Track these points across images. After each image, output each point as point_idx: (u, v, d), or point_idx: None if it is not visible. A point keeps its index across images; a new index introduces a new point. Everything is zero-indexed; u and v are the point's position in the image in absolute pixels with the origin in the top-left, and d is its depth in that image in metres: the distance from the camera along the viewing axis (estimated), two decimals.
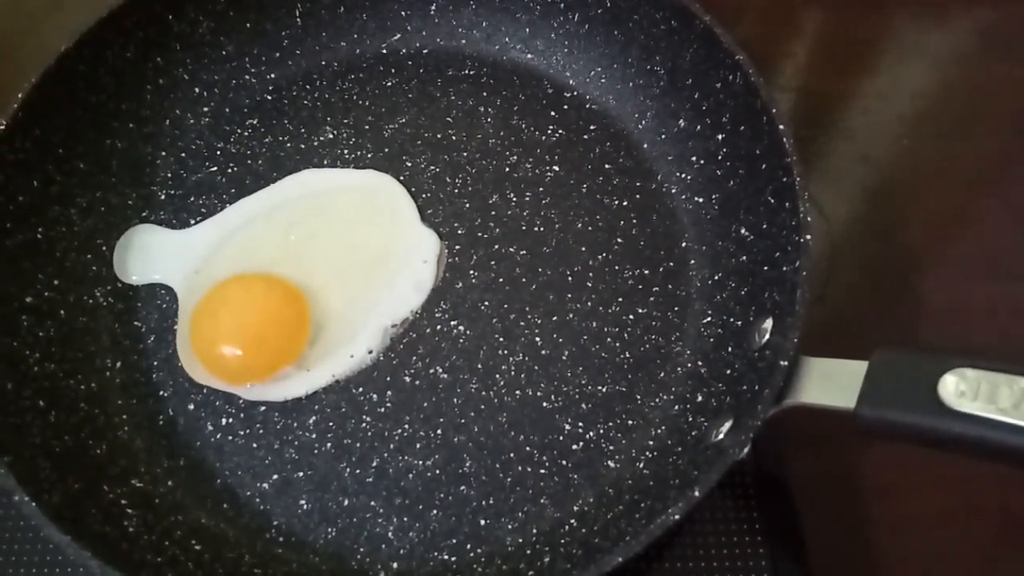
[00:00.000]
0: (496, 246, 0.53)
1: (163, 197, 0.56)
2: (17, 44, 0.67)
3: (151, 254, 0.53)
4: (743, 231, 0.50)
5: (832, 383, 0.40)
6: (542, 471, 0.47)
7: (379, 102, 0.58)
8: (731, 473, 0.39)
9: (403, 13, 0.60)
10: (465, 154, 0.56)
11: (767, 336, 0.44)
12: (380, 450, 0.48)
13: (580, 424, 0.48)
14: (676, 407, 0.48)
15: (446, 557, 0.45)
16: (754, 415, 0.40)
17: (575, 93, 0.58)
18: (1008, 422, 0.36)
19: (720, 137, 0.52)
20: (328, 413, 0.49)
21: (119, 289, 0.52)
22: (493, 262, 0.53)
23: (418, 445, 0.48)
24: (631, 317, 0.51)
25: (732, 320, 0.48)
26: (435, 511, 0.46)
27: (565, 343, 0.50)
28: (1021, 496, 0.48)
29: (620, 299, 0.51)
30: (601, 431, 0.48)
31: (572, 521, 0.45)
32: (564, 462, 0.47)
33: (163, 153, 0.57)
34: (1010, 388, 0.36)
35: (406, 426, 0.48)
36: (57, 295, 0.50)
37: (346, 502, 0.46)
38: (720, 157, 0.52)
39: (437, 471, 0.47)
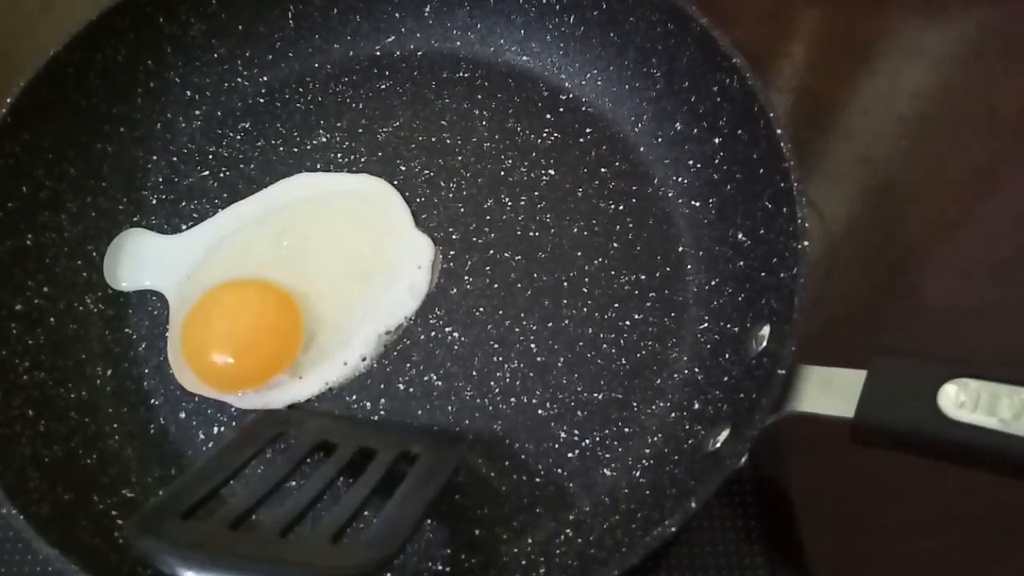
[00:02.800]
0: (491, 251, 0.53)
1: (154, 202, 0.55)
2: (8, 46, 0.66)
3: (142, 260, 0.53)
4: (740, 236, 0.49)
5: (831, 391, 0.40)
6: (537, 480, 0.46)
7: (373, 105, 0.58)
8: (729, 481, 0.39)
9: (397, 15, 0.60)
10: (460, 158, 0.56)
11: (764, 343, 0.44)
12: None
13: (576, 432, 0.47)
14: (673, 415, 0.47)
15: (440, 567, 0.45)
16: (751, 424, 0.39)
17: (571, 96, 0.58)
18: (1008, 433, 0.35)
19: (717, 141, 0.51)
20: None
21: (110, 296, 0.52)
22: (488, 267, 0.52)
23: None
24: (627, 323, 0.50)
25: (729, 326, 0.48)
26: (429, 520, 0.46)
27: (561, 349, 0.50)
28: (1021, 504, 0.47)
29: (616, 305, 0.51)
30: (597, 439, 0.47)
31: (568, 531, 0.45)
32: (560, 470, 0.47)
33: (154, 157, 0.56)
34: (1011, 399, 0.35)
35: None
36: (47, 302, 0.50)
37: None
38: (717, 161, 0.51)
39: None
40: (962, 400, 0.36)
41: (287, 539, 0.38)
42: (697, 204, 0.53)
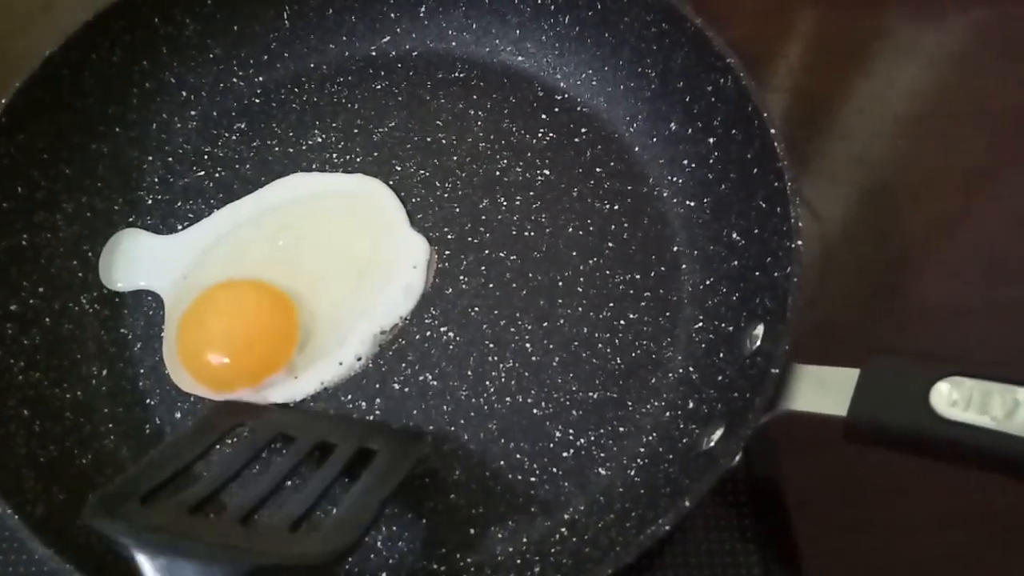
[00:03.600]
0: (486, 251, 0.53)
1: (150, 202, 0.55)
2: (4, 47, 0.66)
3: (137, 260, 0.53)
4: (735, 235, 0.49)
5: (824, 390, 0.40)
6: (532, 479, 0.46)
7: (368, 105, 0.58)
8: (723, 480, 0.39)
9: (392, 15, 0.60)
10: (455, 158, 0.56)
11: (758, 342, 0.44)
12: None
13: (571, 431, 0.47)
14: (667, 414, 0.48)
15: (436, 566, 0.45)
16: (745, 423, 0.39)
17: (566, 96, 0.58)
18: (1001, 431, 0.35)
19: (711, 141, 0.51)
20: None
21: (105, 296, 0.52)
22: (483, 267, 0.52)
23: None
24: (622, 322, 0.50)
25: (723, 326, 0.48)
26: (424, 520, 0.46)
27: (556, 349, 0.50)
28: (1014, 502, 0.47)
29: (611, 304, 0.51)
30: (592, 438, 0.47)
31: (562, 530, 0.45)
32: (554, 470, 0.47)
33: (150, 157, 0.56)
34: (1003, 398, 0.35)
35: None
36: (42, 302, 0.50)
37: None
38: (712, 161, 0.51)
39: (426, 479, 0.46)
40: (955, 398, 0.36)
41: (247, 525, 0.38)
42: (692, 204, 0.53)
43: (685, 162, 0.53)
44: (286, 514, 0.38)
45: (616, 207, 0.54)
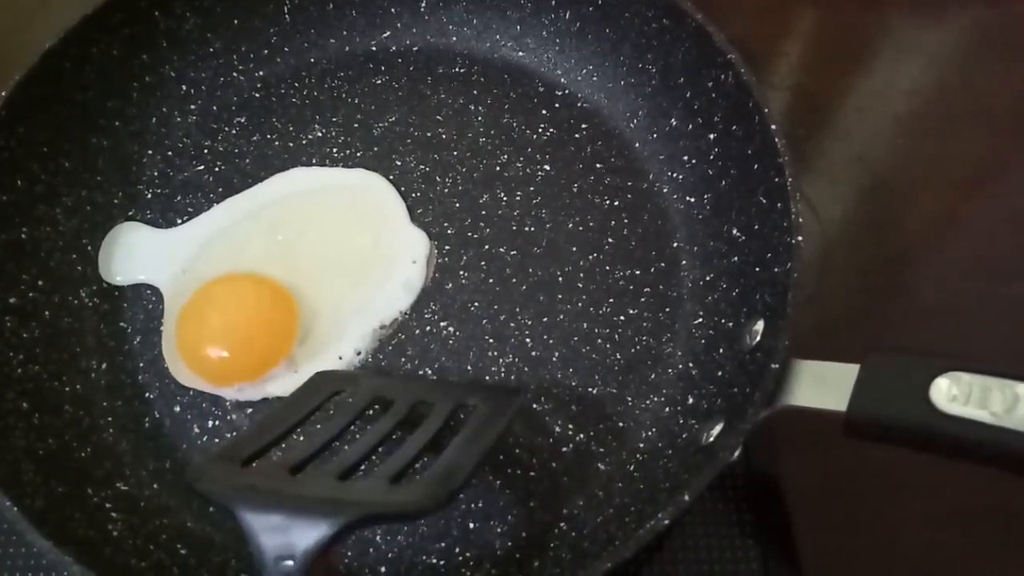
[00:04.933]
0: (486, 246, 0.53)
1: (149, 196, 0.55)
2: (4, 41, 0.66)
3: (137, 254, 0.53)
4: (735, 231, 0.49)
5: (824, 386, 0.40)
6: (532, 474, 0.46)
7: (368, 100, 0.58)
8: (723, 474, 0.39)
9: (393, 10, 0.60)
10: (455, 153, 0.56)
11: (758, 338, 0.44)
12: None
13: (570, 426, 0.47)
14: (667, 409, 0.48)
15: (434, 561, 0.45)
16: (745, 418, 0.39)
17: (566, 91, 0.58)
18: (1000, 426, 0.35)
19: (712, 136, 0.51)
20: (315, 415, 0.48)
21: (104, 289, 0.52)
22: (483, 262, 0.52)
23: None
24: (622, 318, 0.50)
25: (723, 321, 0.48)
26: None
27: (555, 344, 0.50)
28: (1014, 498, 0.47)
29: (611, 300, 0.51)
30: (591, 433, 0.47)
31: (562, 524, 0.45)
32: (554, 464, 0.47)
33: (149, 151, 0.56)
34: (1002, 393, 0.35)
35: None
36: (41, 296, 0.50)
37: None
38: (712, 156, 0.51)
39: None
40: (954, 394, 0.36)
41: (346, 482, 0.38)
42: (692, 200, 0.53)
43: (685, 158, 0.53)
44: (386, 468, 0.38)
45: (616, 203, 0.54)
